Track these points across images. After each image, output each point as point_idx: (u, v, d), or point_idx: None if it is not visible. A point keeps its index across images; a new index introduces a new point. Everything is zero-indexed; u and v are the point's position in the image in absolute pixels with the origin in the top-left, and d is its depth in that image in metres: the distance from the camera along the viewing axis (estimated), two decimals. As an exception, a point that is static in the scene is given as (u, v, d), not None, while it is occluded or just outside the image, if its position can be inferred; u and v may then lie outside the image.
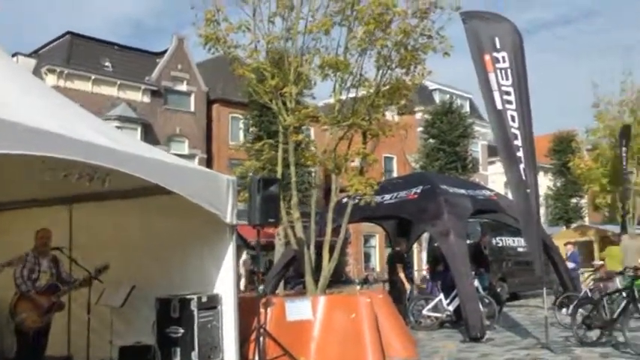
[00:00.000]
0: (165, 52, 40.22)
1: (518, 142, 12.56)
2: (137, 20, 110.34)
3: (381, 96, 12.24)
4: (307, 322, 10.40)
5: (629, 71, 32.81)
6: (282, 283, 18.48)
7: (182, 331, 8.69)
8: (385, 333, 10.89)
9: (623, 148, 28.30)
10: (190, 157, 36.62)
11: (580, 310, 12.95)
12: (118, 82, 36.61)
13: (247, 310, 9.63)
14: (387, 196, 15.79)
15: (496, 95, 12.46)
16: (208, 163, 37.90)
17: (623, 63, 74.14)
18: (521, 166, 12.52)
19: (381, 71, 12.10)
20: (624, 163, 28.56)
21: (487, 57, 12.46)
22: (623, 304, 11.77)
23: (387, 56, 11.93)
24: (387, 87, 12.32)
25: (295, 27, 11.73)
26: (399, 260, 16.69)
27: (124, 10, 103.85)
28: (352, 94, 12.26)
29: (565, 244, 20.75)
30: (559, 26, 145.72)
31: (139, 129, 36.25)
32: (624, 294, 12.12)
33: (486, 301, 14.92)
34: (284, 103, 11.74)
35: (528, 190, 12.47)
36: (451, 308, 15.08)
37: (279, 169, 11.97)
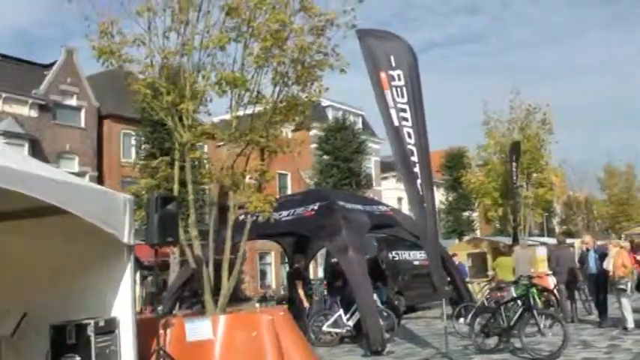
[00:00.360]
0: (53, 64, 38.35)
1: (415, 158, 12.79)
2: (21, 31, 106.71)
3: (278, 112, 12.18)
4: (208, 342, 10.15)
5: (518, 91, 34.20)
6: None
7: (79, 358, 8.25)
8: (287, 350, 10.76)
9: (514, 164, 29.43)
10: (80, 174, 35.11)
11: (478, 319, 13.31)
12: (3, 96, 34.72)
13: (146, 332, 9.30)
14: (285, 213, 15.70)
15: (393, 112, 12.65)
16: (99, 181, 36.25)
17: (511, 82, 77.05)
18: (419, 181, 12.75)
19: (277, 88, 12.03)
20: (514, 178, 29.69)
21: (383, 75, 12.66)
22: (519, 312, 12.30)
23: (283, 73, 11.88)
24: (284, 103, 12.27)
25: (191, 42, 11.53)
26: (297, 277, 16.65)
27: (5, 22, 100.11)
28: (249, 111, 12.15)
29: (452, 256, 21.25)
30: (448, 46, 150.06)
31: (27, 145, 34.41)
32: (520, 302, 12.67)
33: (385, 314, 15.06)
34: (180, 120, 11.51)
35: (425, 205, 12.70)
36: (351, 323, 15.11)
37: (176, 186, 11.72)
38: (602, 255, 15.96)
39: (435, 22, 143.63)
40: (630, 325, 14.66)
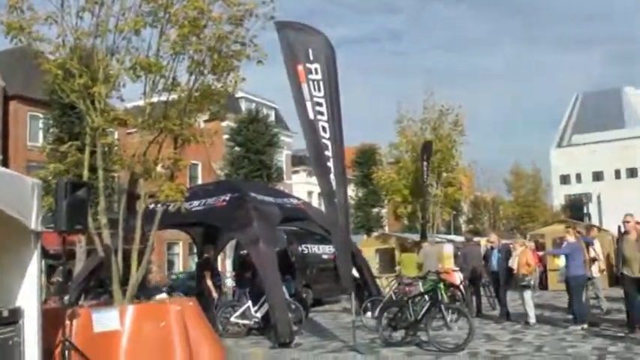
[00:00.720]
0: (-47, 40, 36.63)
1: (329, 153, 12.82)
2: None
3: (193, 101, 12.01)
4: (115, 333, 9.94)
5: (432, 91, 34.68)
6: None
7: (-21, 349, 7.96)
8: (195, 341, 10.65)
9: (425, 163, 29.88)
10: (-17, 158, 34.04)
11: (385, 313, 13.50)
12: None
13: (52, 323, 9.03)
14: (196, 203, 15.50)
15: (308, 105, 12.66)
16: (4, 164, 34.66)
17: (426, 83, 78.46)
18: (331, 176, 12.80)
19: (193, 76, 11.85)
20: (425, 177, 30.17)
21: (300, 67, 12.64)
22: (426, 306, 12.62)
23: (199, 61, 11.71)
24: (199, 92, 12.10)
25: (105, 24, 11.21)
26: (206, 268, 16.49)
27: None
28: (163, 98, 11.93)
29: None
30: (364, 44, 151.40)
31: None
32: (427, 297, 12.97)
33: (293, 306, 15.10)
34: (92, 103, 11.19)
35: (336, 200, 12.76)
36: (259, 315, 15.09)
37: (86, 172, 11.39)
38: (508, 253, 16.47)
39: (353, 18, 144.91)
40: (532, 320, 15.30)
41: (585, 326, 14.21)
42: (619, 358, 10.77)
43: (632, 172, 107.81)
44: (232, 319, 15.41)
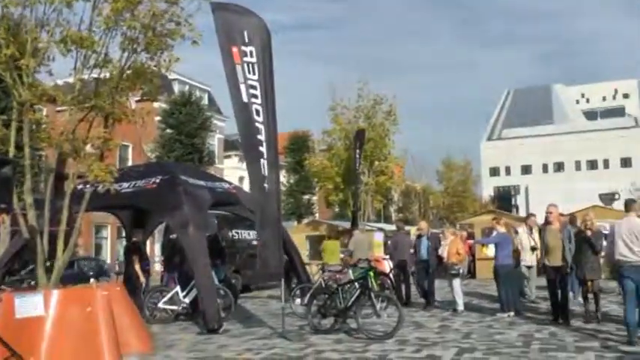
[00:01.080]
0: None
1: (262, 137, 12.68)
2: None
3: (125, 79, 11.69)
4: (39, 319, 9.62)
5: (366, 80, 34.73)
6: None
7: None
8: (121, 327, 10.41)
9: (357, 151, 29.90)
10: None
11: (315, 300, 13.47)
12: None
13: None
14: (125, 185, 15.11)
15: (242, 88, 12.49)
16: None
17: (361, 72, 78.87)
18: (263, 161, 12.66)
19: (126, 53, 11.53)
20: (357, 165, 30.20)
21: (235, 49, 12.45)
22: (356, 294, 12.61)
23: (133, 38, 11.40)
24: (132, 71, 11.79)
25: (34, -6, 10.81)
26: (135, 252, 16.17)
27: None
28: (95, 75, 11.58)
29: None
30: (299, 30, 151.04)
31: None
32: (357, 284, 12.93)
33: (222, 292, 14.91)
34: (19, 77, 10.77)
35: (266, 186, 12.63)
36: (187, 300, 14.88)
37: (11, 150, 10.96)
38: (437, 242, 16.64)
39: (290, 4, 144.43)
40: (460, 307, 15.55)
41: (512, 314, 14.53)
42: (544, 344, 11.04)
43: (559, 167, 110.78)
44: (160, 304, 15.13)
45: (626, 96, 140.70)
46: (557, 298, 13.43)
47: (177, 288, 15.14)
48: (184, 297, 14.92)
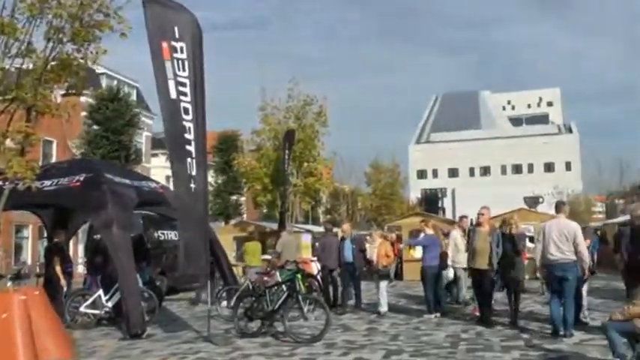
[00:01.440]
0: None
1: (190, 136, 12.41)
2: None
3: (49, 70, 11.27)
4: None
5: (297, 81, 34.52)
6: None
7: None
8: (40, 333, 9.96)
9: (286, 152, 29.69)
10: None
11: (241, 302, 13.28)
12: None
13: None
14: (47, 182, 14.50)
15: (171, 84, 12.19)
16: None
17: (291, 72, 78.86)
18: (190, 160, 12.38)
19: (51, 43, 11.13)
20: (286, 165, 30.00)
21: (165, 44, 12.13)
22: (284, 296, 12.49)
23: (59, 28, 11.01)
24: (57, 62, 11.37)
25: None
26: (56, 253, 15.63)
27: None
28: (17, 64, 11.13)
29: None
30: (231, 29, 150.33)
31: None
32: (285, 287, 12.88)
33: (146, 295, 14.52)
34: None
35: (193, 185, 12.36)
36: (110, 304, 14.42)
37: None
38: (361, 244, 16.64)
39: (220, 3, 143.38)
40: (383, 309, 15.56)
41: (438, 315, 14.62)
42: (471, 345, 11.20)
43: (485, 171, 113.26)
44: (82, 308, 14.61)
45: (550, 104, 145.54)
46: (482, 300, 13.54)
47: (100, 291, 14.65)
48: (107, 301, 14.45)
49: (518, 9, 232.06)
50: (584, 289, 13.39)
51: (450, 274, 16.45)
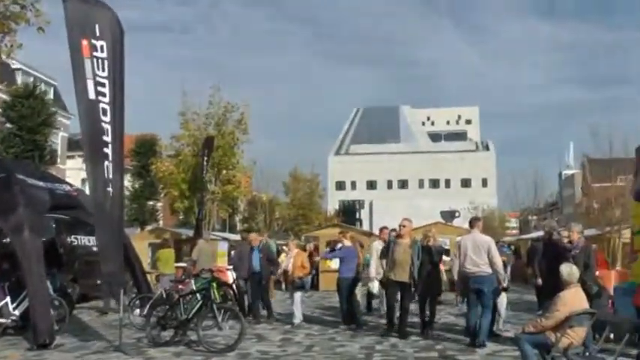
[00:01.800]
0: None
1: (108, 138, 12.12)
2: None
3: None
4: None
5: (218, 87, 34.09)
6: None
7: None
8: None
9: (205, 158, 29.32)
10: None
11: (155, 311, 13.00)
12: None
13: None
14: (-46, 182, 13.96)
15: (90, 84, 11.91)
16: None
17: (213, 78, 78.05)
18: (107, 163, 12.09)
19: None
20: (204, 172, 29.62)
21: (85, 42, 11.84)
22: (198, 305, 12.34)
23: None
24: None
25: None
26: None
27: None
28: None
29: None
30: (154, 32, 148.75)
31: None
32: (199, 295, 12.68)
33: (57, 303, 14.01)
34: None
35: (110, 189, 12.07)
36: (18, 312, 13.73)
37: None
38: (269, 253, 16.56)
39: (145, 4, 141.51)
40: (297, 320, 15.56)
41: (354, 326, 14.59)
42: (385, 356, 11.30)
43: (403, 184, 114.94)
44: (-15, 318, 13.95)
45: (468, 122, 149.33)
46: (394, 312, 13.59)
47: (7, 299, 13.95)
48: (14, 309, 13.77)
49: (432, 31, 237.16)
50: (504, 301, 13.77)
51: (374, 286, 16.35)
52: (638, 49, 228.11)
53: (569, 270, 8.98)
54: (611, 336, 10.59)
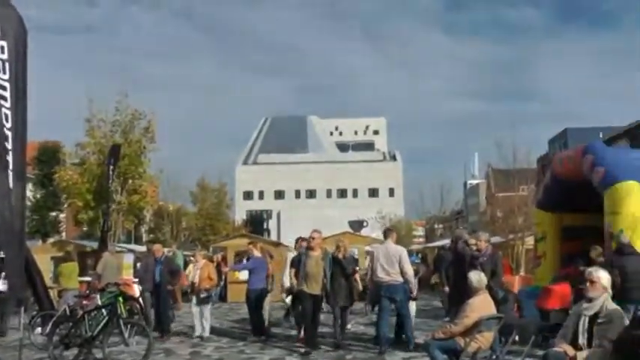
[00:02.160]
0: None
1: (9, 145, 11.53)
2: None
3: None
4: None
5: (126, 93, 33.26)
6: None
7: None
8: None
9: (111, 167, 28.50)
10: None
11: (58, 329, 12.51)
12: None
13: None
14: None
15: (-10, 88, 11.30)
16: None
17: (120, 84, 76.30)
18: (9, 172, 11.53)
19: None
20: (110, 182, 28.80)
21: (-16, 42, 11.25)
22: (104, 321, 11.90)
23: None
24: None
25: None
26: None
27: None
28: None
29: None
30: (56, 33, 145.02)
31: None
32: (105, 311, 12.29)
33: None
34: None
35: (12, 200, 11.53)
36: None
37: None
38: (170, 264, 16.32)
39: (47, 4, 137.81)
40: (206, 333, 15.27)
41: (263, 337, 14.49)
42: None
43: (311, 194, 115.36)
44: None
45: (376, 132, 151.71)
46: (306, 322, 13.47)
47: None
48: None
49: (341, 41, 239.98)
50: (413, 309, 14.00)
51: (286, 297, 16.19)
52: (541, 68, 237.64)
53: (477, 277, 9.22)
54: (517, 338, 10.83)
